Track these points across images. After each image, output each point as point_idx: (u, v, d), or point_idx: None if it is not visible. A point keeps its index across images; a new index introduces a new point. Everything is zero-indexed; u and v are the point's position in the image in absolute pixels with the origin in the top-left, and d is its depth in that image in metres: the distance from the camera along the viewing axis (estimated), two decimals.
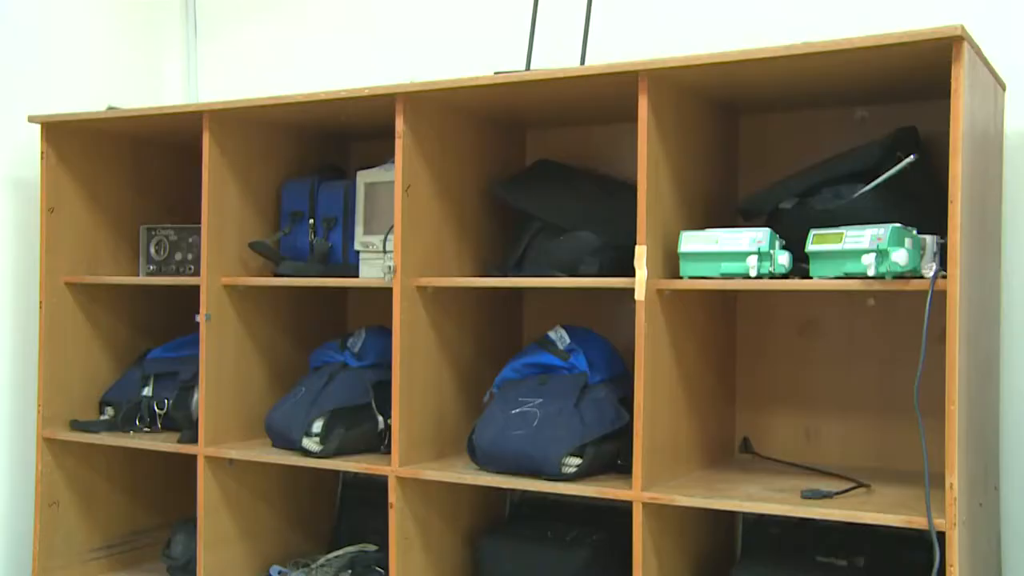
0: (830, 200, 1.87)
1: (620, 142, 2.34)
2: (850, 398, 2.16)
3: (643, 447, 1.86)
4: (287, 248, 2.47)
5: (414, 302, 2.13)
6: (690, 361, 2.03)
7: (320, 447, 2.22)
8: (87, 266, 2.63)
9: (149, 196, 2.78)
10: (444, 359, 2.22)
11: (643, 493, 1.86)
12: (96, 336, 2.66)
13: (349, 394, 2.28)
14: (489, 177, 2.34)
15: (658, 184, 1.89)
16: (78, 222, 2.61)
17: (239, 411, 2.42)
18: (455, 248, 2.25)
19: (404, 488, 2.11)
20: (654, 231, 1.88)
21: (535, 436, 1.98)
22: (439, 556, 2.21)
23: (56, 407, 2.57)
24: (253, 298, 2.44)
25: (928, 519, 1.62)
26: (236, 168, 2.40)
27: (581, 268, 2.08)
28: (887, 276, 1.67)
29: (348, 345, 2.39)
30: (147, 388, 2.58)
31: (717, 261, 1.85)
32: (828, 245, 1.73)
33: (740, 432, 2.26)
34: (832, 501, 1.79)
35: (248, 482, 2.44)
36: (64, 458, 2.59)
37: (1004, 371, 2.07)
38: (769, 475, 2.03)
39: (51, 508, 2.56)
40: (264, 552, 2.49)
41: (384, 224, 2.26)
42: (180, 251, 2.62)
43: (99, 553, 2.68)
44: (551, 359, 2.13)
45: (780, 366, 2.22)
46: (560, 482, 1.96)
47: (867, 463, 2.13)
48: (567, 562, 2.10)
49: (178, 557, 2.52)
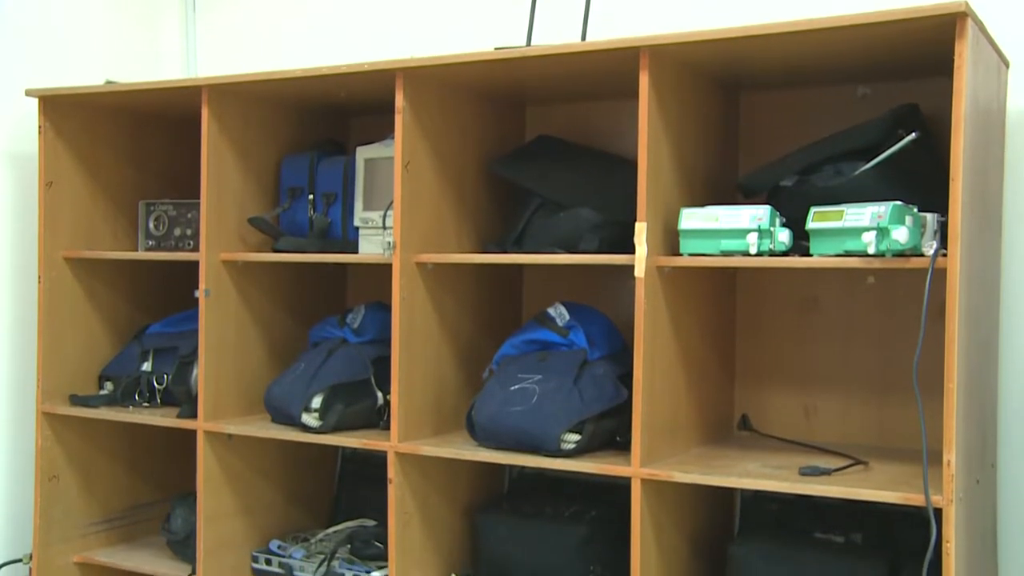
0: (831, 178, 1.86)
1: (620, 118, 2.33)
2: (849, 376, 2.16)
3: (642, 424, 1.87)
4: (286, 224, 2.46)
5: (413, 278, 2.13)
6: (690, 338, 2.03)
7: (319, 423, 2.23)
8: (86, 241, 2.63)
9: (148, 171, 2.77)
10: (443, 335, 2.22)
11: (642, 469, 1.87)
12: (95, 311, 2.66)
13: (348, 370, 2.28)
14: (489, 153, 2.33)
15: (659, 161, 1.89)
16: (76, 197, 2.60)
17: (238, 386, 2.42)
18: (455, 224, 2.24)
19: (403, 464, 2.12)
20: (654, 208, 1.88)
21: (534, 412, 1.98)
22: (438, 531, 2.22)
23: (55, 382, 2.57)
24: (252, 273, 2.44)
25: (926, 496, 1.63)
26: (235, 143, 2.40)
27: (581, 245, 2.08)
28: (887, 254, 1.67)
29: (347, 321, 2.39)
30: (146, 363, 2.58)
31: (717, 238, 1.84)
32: (828, 223, 1.72)
33: (739, 409, 2.26)
34: (830, 478, 1.79)
35: (247, 457, 2.45)
36: (64, 432, 2.60)
37: (1003, 349, 2.07)
38: (767, 452, 2.04)
39: (51, 482, 2.57)
40: (263, 527, 2.50)
41: (384, 200, 2.25)
42: (179, 226, 2.61)
43: (99, 527, 2.69)
44: (550, 336, 2.13)
45: (779, 343, 2.22)
46: (559, 458, 1.96)
47: (866, 440, 2.13)
48: (565, 538, 2.11)
49: (178, 531, 2.53)
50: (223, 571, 2.40)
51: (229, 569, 2.41)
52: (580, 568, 2.09)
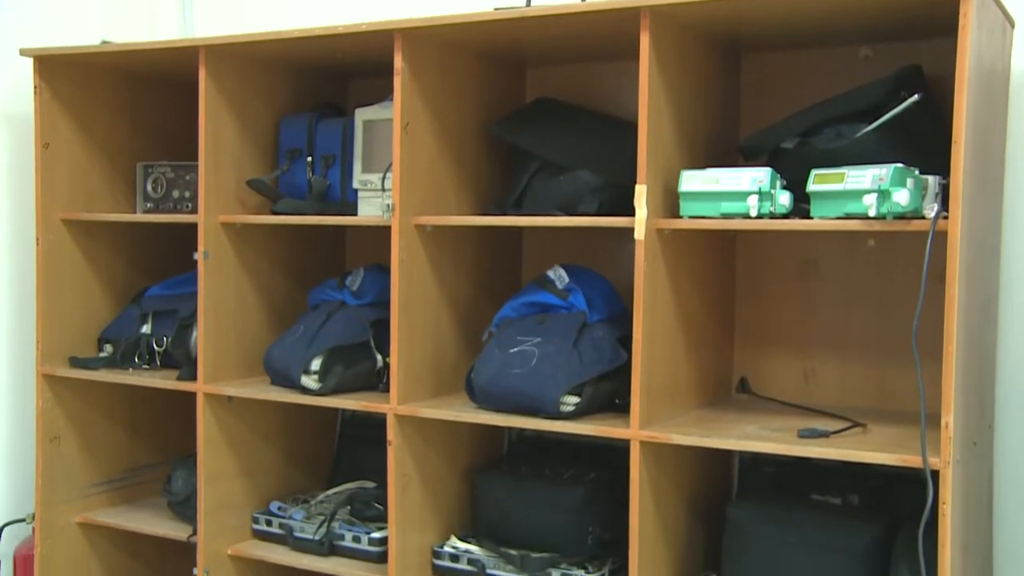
0: (832, 140, 1.85)
1: (621, 80, 2.31)
2: (848, 339, 2.16)
3: (641, 386, 1.87)
4: (285, 186, 2.45)
5: (413, 240, 2.12)
6: (689, 301, 2.03)
7: (319, 385, 2.23)
8: (83, 203, 2.62)
9: (145, 133, 2.75)
10: (443, 298, 2.22)
11: (640, 432, 1.87)
12: (94, 273, 2.66)
13: (347, 332, 2.28)
14: (488, 115, 2.31)
15: (659, 123, 1.88)
16: (73, 158, 2.59)
17: (238, 348, 2.42)
18: (454, 187, 2.23)
19: (402, 426, 2.13)
20: (654, 170, 1.87)
21: (533, 375, 1.98)
22: (437, 493, 2.23)
23: (55, 344, 2.58)
24: (251, 236, 2.44)
25: (923, 458, 1.63)
26: (233, 105, 2.38)
27: (580, 207, 2.07)
28: (888, 216, 1.66)
29: (347, 283, 2.39)
30: (146, 326, 2.58)
31: (717, 201, 1.84)
32: (829, 185, 1.72)
33: (738, 372, 2.26)
34: (828, 440, 1.80)
35: (247, 419, 2.45)
36: (64, 394, 2.60)
37: (1002, 311, 2.07)
38: (766, 415, 2.05)
39: (52, 443, 2.58)
40: (263, 488, 2.51)
41: (383, 162, 2.24)
42: (177, 188, 2.60)
43: (100, 488, 2.71)
44: (550, 298, 2.13)
45: (779, 306, 2.22)
46: (558, 420, 1.97)
47: (865, 403, 2.14)
48: (564, 499, 2.12)
49: (179, 492, 2.54)
50: (224, 532, 2.41)
51: (229, 530, 2.42)
52: (579, 529, 2.11)
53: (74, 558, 2.65)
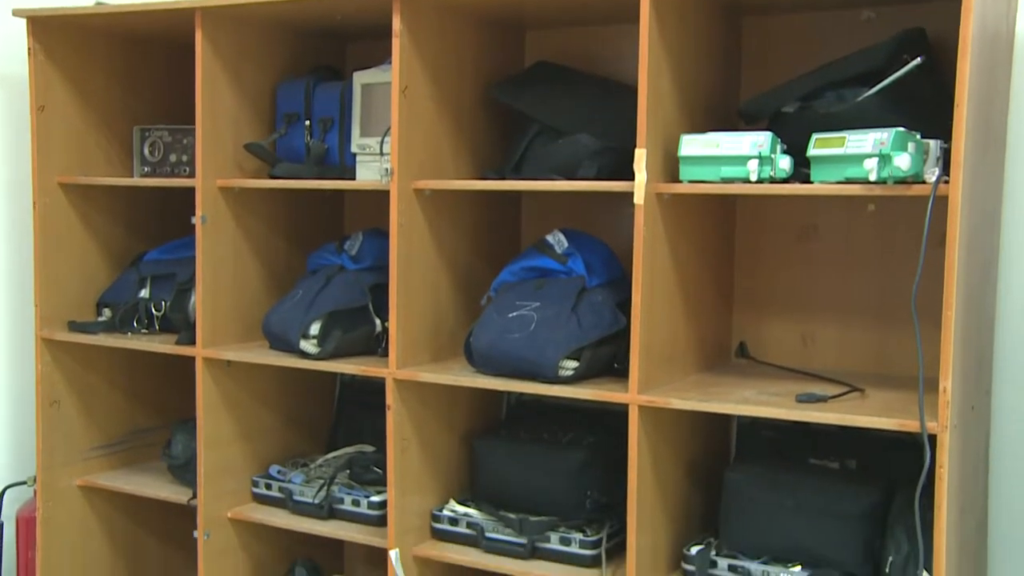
0: (833, 103, 1.84)
1: (621, 44, 2.30)
2: (848, 303, 2.16)
3: (640, 351, 1.87)
4: (283, 150, 2.44)
5: (411, 205, 2.11)
6: (688, 265, 2.02)
7: (317, 349, 2.23)
8: (80, 166, 2.60)
9: (141, 96, 2.73)
10: (441, 262, 2.22)
11: (639, 396, 1.88)
12: (91, 237, 2.65)
13: (346, 297, 2.28)
14: (487, 79, 2.30)
15: (659, 86, 1.86)
16: (69, 121, 2.57)
17: (236, 313, 2.42)
18: (453, 151, 2.22)
19: (401, 390, 2.13)
20: (654, 134, 1.86)
21: (532, 339, 1.98)
22: (436, 457, 2.24)
23: (53, 308, 2.57)
24: (249, 200, 2.43)
25: (921, 422, 1.64)
26: (230, 68, 2.36)
27: (580, 171, 2.06)
28: (889, 181, 1.66)
29: (345, 248, 2.38)
30: (144, 290, 2.58)
31: (717, 165, 1.83)
32: (830, 149, 1.71)
33: (737, 337, 2.27)
34: (826, 405, 1.80)
35: (246, 383, 2.46)
36: (63, 358, 2.60)
37: (1002, 276, 2.07)
38: (765, 379, 2.05)
39: (52, 407, 2.59)
40: (263, 452, 2.52)
41: (381, 126, 2.23)
42: (175, 152, 2.59)
43: (100, 451, 2.72)
44: (549, 263, 2.12)
45: (778, 271, 2.22)
46: (557, 385, 1.97)
47: (863, 368, 2.14)
48: (563, 463, 2.13)
49: (178, 456, 2.55)
50: (223, 495, 2.42)
51: (229, 493, 2.44)
52: (577, 493, 2.12)
53: (75, 520, 2.66)
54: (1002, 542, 2.12)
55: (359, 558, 2.76)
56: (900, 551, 1.76)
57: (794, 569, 1.87)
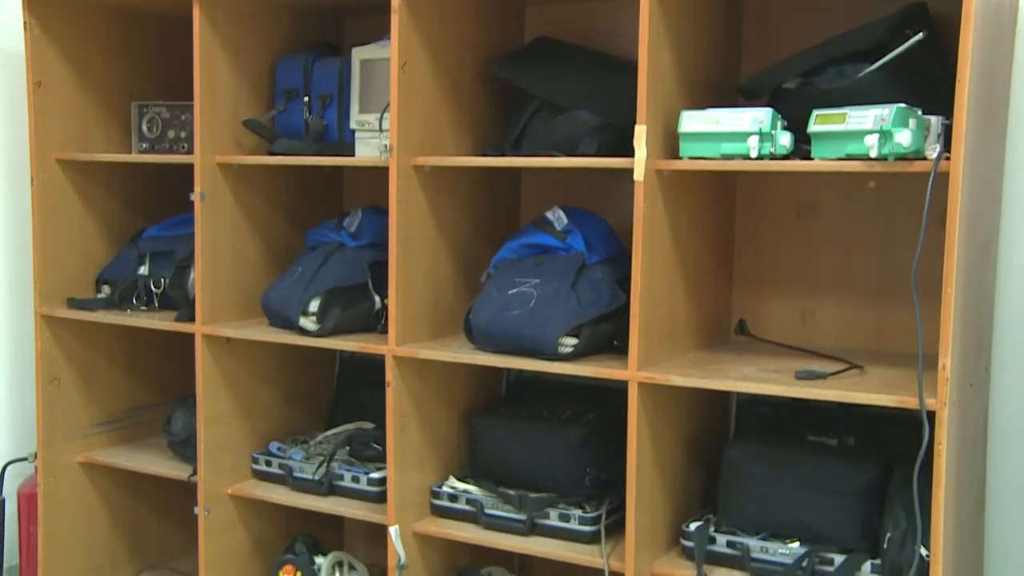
0: (834, 79, 1.83)
1: (621, 19, 2.28)
2: (847, 281, 2.16)
3: (639, 328, 1.87)
4: (282, 126, 2.43)
5: (411, 181, 2.11)
6: (688, 242, 2.02)
7: (317, 326, 2.23)
8: (78, 143, 2.60)
9: (139, 72, 2.72)
10: (441, 239, 2.21)
11: (639, 373, 1.88)
12: (90, 214, 2.65)
13: (346, 273, 2.28)
14: (487, 55, 2.28)
15: (659, 62, 1.85)
16: (67, 97, 2.56)
17: (236, 290, 2.42)
18: (452, 127, 2.21)
19: (401, 367, 2.13)
20: (654, 110, 1.85)
21: (531, 316, 1.98)
22: (435, 434, 2.25)
23: (53, 285, 2.57)
24: (248, 177, 2.42)
25: (920, 399, 1.64)
26: (228, 43, 2.35)
27: (579, 148, 2.05)
28: (890, 157, 1.65)
29: (344, 225, 2.38)
30: (143, 267, 2.58)
31: (718, 141, 1.82)
32: (831, 126, 1.70)
33: (736, 314, 2.26)
34: (825, 382, 1.80)
35: (246, 360, 2.46)
36: (63, 335, 2.60)
37: (1002, 252, 2.06)
38: (764, 356, 2.05)
39: (52, 384, 2.59)
40: (263, 429, 2.52)
41: (380, 102, 2.22)
42: (173, 128, 2.58)
43: (100, 428, 2.72)
44: (548, 240, 2.12)
45: (778, 249, 2.21)
46: (556, 362, 1.97)
47: (863, 345, 2.14)
48: (562, 440, 2.14)
49: (178, 433, 2.56)
50: (223, 472, 2.43)
51: (229, 470, 2.44)
52: (576, 470, 2.12)
53: (76, 496, 2.67)
54: (999, 518, 2.13)
55: (359, 534, 2.77)
56: (898, 527, 1.76)
57: (792, 545, 1.88)
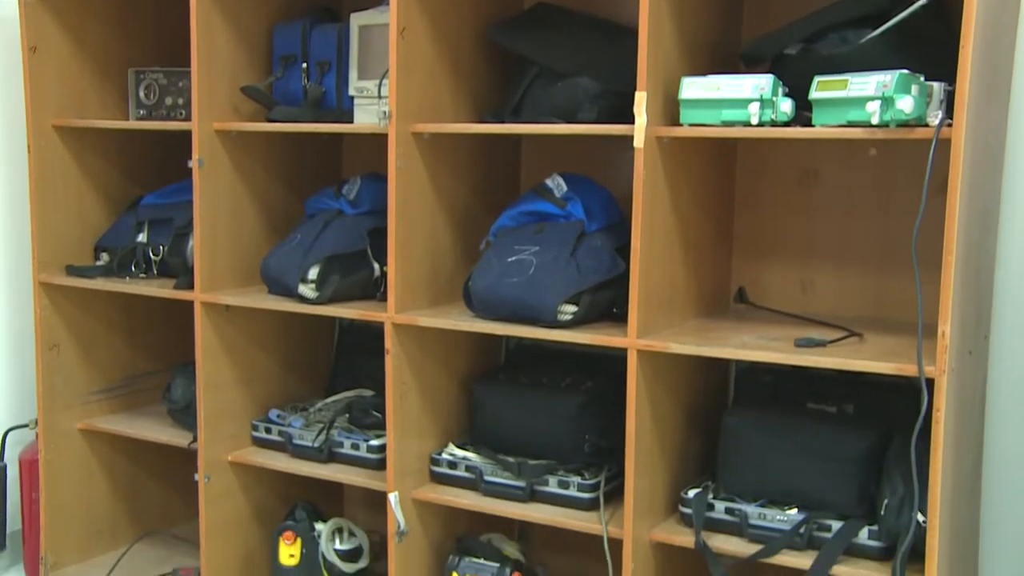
0: (836, 45, 1.82)
1: None
2: (847, 249, 2.15)
3: (639, 295, 1.87)
4: (280, 93, 2.41)
5: (410, 148, 2.10)
6: (688, 210, 2.01)
7: (316, 294, 2.23)
8: (74, 109, 2.58)
9: (135, 38, 2.70)
10: (440, 206, 2.21)
11: (638, 340, 1.88)
12: (87, 181, 2.64)
13: (345, 241, 2.27)
14: (486, 21, 2.27)
15: (660, 28, 1.84)
16: (62, 63, 2.54)
17: (234, 257, 2.41)
18: (451, 94, 2.20)
19: (400, 334, 2.13)
20: (655, 77, 1.84)
21: (531, 284, 1.98)
22: (435, 401, 2.25)
23: (51, 252, 2.57)
24: (246, 144, 2.41)
25: (919, 366, 1.64)
26: (225, 9, 2.33)
27: (579, 115, 2.04)
28: (891, 124, 1.64)
29: (343, 192, 2.37)
30: (141, 234, 2.57)
31: (718, 108, 1.81)
32: (832, 92, 1.69)
33: (736, 282, 2.26)
34: (825, 349, 1.80)
35: (245, 328, 2.46)
36: (62, 303, 2.60)
37: (1003, 219, 2.06)
38: (764, 324, 2.05)
39: (51, 351, 2.59)
40: (262, 396, 2.53)
41: (379, 69, 2.20)
42: (170, 95, 2.56)
43: (100, 395, 2.73)
44: (548, 207, 2.11)
45: (778, 216, 2.21)
46: (556, 329, 1.97)
47: (862, 313, 2.14)
48: (561, 408, 2.14)
49: (178, 400, 2.56)
50: (223, 439, 2.44)
51: (229, 437, 2.45)
52: (575, 438, 2.13)
53: (77, 463, 2.68)
54: (996, 485, 2.13)
55: (358, 501, 2.79)
56: (896, 493, 1.77)
57: (790, 512, 1.89)
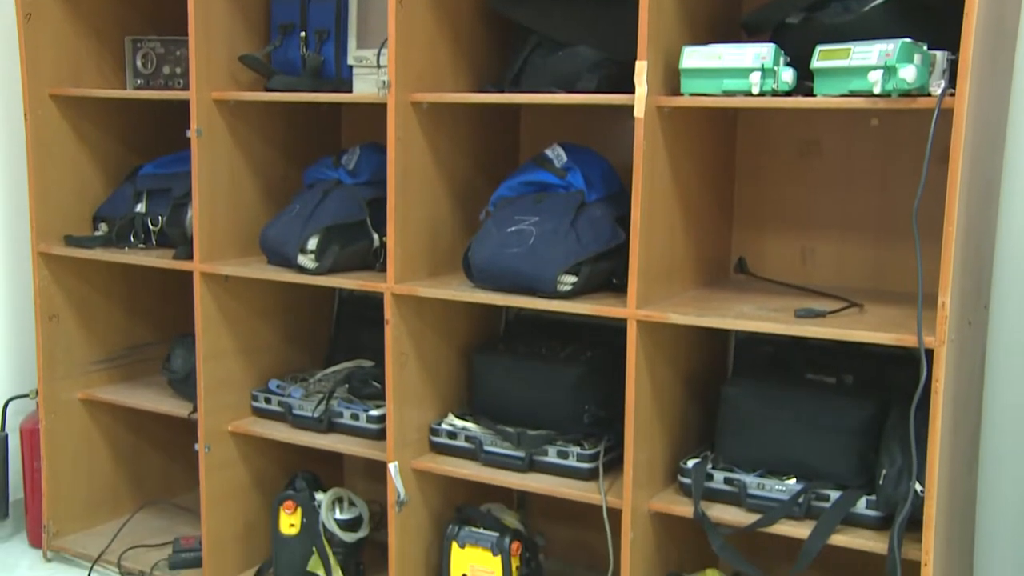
0: (839, 14, 1.80)
1: None
2: (848, 219, 2.15)
3: (639, 266, 1.87)
4: (278, 62, 2.40)
5: (409, 118, 2.09)
6: (688, 180, 2.01)
7: (315, 264, 2.22)
8: (71, 78, 2.56)
9: (132, 5, 2.68)
10: (439, 176, 2.20)
11: (638, 311, 1.88)
12: (85, 151, 2.62)
13: (344, 211, 2.26)
14: None
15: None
16: (58, 31, 2.52)
17: (233, 228, 2.41)
18: (451, 63, 2.18)
19: (400, 305, 2.13)
20: (655, 46, 1.82)
21: (531, 254, 1.98)
22: (434, 372, 2.25)
23: (49, 222, 2.56)
24: (245, 113, 2.39)
25: (918, 337, 1.64)
26: None
27: (579, 84, 2.03)
28: (893, 94, 1.63)
29: (342, 162, 2.36)
30: (140, 204, 2.56)
31: (719, 77, 1.80)
32: (834, 61, 1.68)
33: (736, 252, 2.26)
34: (824, 320, 1.80)
35: (245, 298, 2.46)
36: (60, 273, 2.60)
37: (1004, 190, 2.05)
38: (763, 295, 2.05)
39: (51, 321, 2.59)
40: (262, 367, 2.53)
41: (378, 38, 2.19)
42: (168, 64, 2.54)
43: (100, 365, 2.73)
44: (548, 177, 2.10)
45: (779, 187, 2.20)
46: (555, 300, 1.97)
47: (863, 284, 2.14)
48: (561, 378, 2.14)
49: (178, 371, 2.57)
50: (223, 409, 2.44)
51: (229, 407, 2.45)
52: (575, 408, 2.13)
53: (78, 432, 2.69)
54: (994, 455, 2.14)
55: (358, 471, 2.80)
56: (894, 464, 1.78)
57: (789, 481, 1.89)
